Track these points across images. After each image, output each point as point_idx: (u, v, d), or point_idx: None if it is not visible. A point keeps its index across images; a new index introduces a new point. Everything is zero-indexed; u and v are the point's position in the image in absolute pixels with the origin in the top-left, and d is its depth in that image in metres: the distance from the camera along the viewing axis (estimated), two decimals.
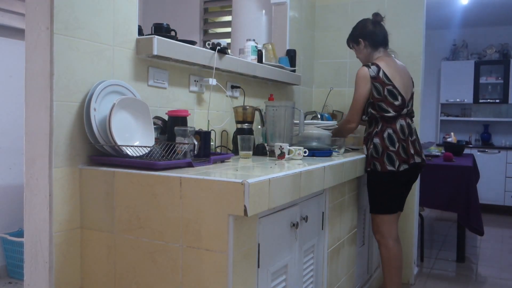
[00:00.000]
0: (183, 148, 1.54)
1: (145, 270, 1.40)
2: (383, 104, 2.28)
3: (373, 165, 2.31)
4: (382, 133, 2.29)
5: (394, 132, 2.28)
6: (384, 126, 2.30)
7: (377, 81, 2.27)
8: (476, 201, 3.42)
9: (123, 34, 1.65)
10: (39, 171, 1.43)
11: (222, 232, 1.25)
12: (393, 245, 2.35)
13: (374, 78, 2.28)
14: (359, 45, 2.43)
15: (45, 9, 1.39)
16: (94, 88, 1.51)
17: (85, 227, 1.52)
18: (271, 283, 1.51)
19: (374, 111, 2.31)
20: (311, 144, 2.22)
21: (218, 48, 2.02)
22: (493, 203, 5.82)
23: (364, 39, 2.40)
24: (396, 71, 2.33)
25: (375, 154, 2.30)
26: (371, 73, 2.28)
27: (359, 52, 2.46)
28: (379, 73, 2.28)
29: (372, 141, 2.31)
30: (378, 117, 2.31)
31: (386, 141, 2.28)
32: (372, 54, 2.41)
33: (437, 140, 6.49)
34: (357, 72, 2.33)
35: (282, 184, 1.42)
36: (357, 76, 2.32)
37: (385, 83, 2.27)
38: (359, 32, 2.43)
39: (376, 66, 2.30)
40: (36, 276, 1.46)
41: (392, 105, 2.28)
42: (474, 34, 6.41)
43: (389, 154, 2.27)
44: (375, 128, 2.32)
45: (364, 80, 2.29)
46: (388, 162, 2.27)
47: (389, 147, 2.27)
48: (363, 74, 2.30)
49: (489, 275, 3.36)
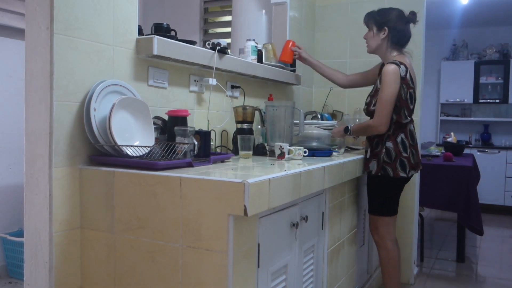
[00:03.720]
0: (183, 148, 1.54)
1: (145, 270, 1.40)
2: (405, 109, 2.18)
3: (383, 170, 2.22)
4: (395, 137, 2.21)
5: (406, 138, 2.22)
6: (397, 130, 2.22)
7: (404, 83, 2.14)
8: (476, 201, 3.42)
9: (123, 34, 1.65)
10: (39, 171, 1.43)
11: (222, 232, 1.25)
12: (392, 246, 2.33)
13: (402, 78, 2.13)
14: (380, 32, 2.24)
15: (45, 9, 1.39)
16: (94, 88, 1.51)
17: (85, 227, 1.51)
18: (271, 283, 1.51)
19: (396, 116, 2.18)
20: (311, 144, 2.22)
21: (218, 48, 2.02)
22: (493, 203, 5.81)
23: (389, 31, 2.22)
24: (414, 74, 2.24)
25: (387, 159, 2.20)
26: (401, 73, 2.13)
27: (374, 38, 2.27)
28: (406, 75, 2.15)
29: (385, 144, 2.21)
30: (393, 122, 2.20)
31: (399, 146, 2.20)
32: (387, 49, 2.26)
33: (437, 140, 6.48)
34: (387, 68, 2.13)
35: (282, 184, 1.42)
36: (388, 73, 2.11)
37: (409, 86, 2.17)
38: (388, 20, 2.23)
39: (404, 66, 2.15)
40: (36, 276, 1.46)
41: (409, 110, 2.21)
42: (474, 34, 6.41)
43: (402, 160, 2.20)
44: (387, 131, 2.21)
45: (396, 79, 2.11)
46: (400, 168, 2.20)
47: (402, 152, 2.20)
48: (396, 71, 2.11)
49: (489, 275, 3.36)
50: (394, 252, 2.33)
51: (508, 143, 6.17)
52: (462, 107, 6.48)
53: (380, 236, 2.34)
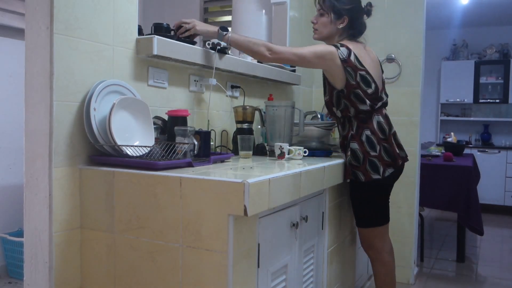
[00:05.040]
0: (183, 148, 1.54)
1: (145, 270, 1.40)
2: (359, 91, 1.93)
3: (353, 175, 1.99)
4: (359, 136, 1.98)
5: (373, 133, 1.97)
6: (360, 127, 1.99)
7: (349, 65, 1.91)
8: (476, 201, 3.42)
9: (123, 34, 1.65)
10: (39, 171, 1.43)
11: (222, 232, 1.25)
12: (389, 259, 2.12)
13: (344, 61, 1.90)
14: (337, 20, 2.01)
15: (45, 9, 1.39)
16: (94, 88, 1.51)
17: (85, 227, 1.51)
18: (271, 283, 1.51)
19: (348, 102, 1.95)
20: (311, 144, 2.22)
21: (218, 48, 2.02)
22: (493, 203, 5.81)
23: (349, 21, 2.01)
24: (366, 54, 2.00)
25: (355, 162, 1.97)
26: (340, 55, 1.90)
27: (329, 26, 2.03)
28: (350, 57, 1.91)
29: (349, 146, 2.00)
30: (352, 116, 1.99)
31: (365, 145, 1.96)
32: (339, 37, 2.05)
33: (437, 140, 6.49)
34: (323, 45, 1.97)
35: (282, 184, 1.42)
36: (321, 45, 1.94)
37: (357, 67, 1.92)
38: (350, 9, 2.00)
39: (346, 48, 1.93)
40: (36, 276, 1.46)
41: (366, 94, 1.94)
42: (474, 34, 6.41)
43: (371, 160, 1.95)
44: (350, 131, 2.01)
45: (328, 54, 1.90)
46: (371, 169, 1.95)
47: (370, 152, 1.96)
48: (331, 50, 1.91)
49: (489, 275, 3.36)
50: (391, 265, 2.13)
51: (508, 143, 6.17)
52: (462, 107, 6.48)
53: (376, 250, 2.11)
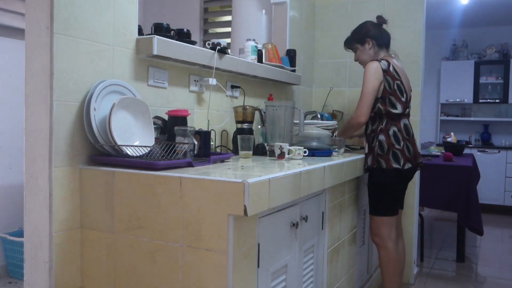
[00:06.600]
0: (183, 148, 1.54)
1: (145, 270, 1.40)
2: (393, 98, 2.27)
3: (377, 162, 2.28)
4: (387, 130, 2.29)
5: (399, 131, 2.29)
6: (389, 123, 2.29)
7: (388, 75, 2.27)
8: (476, 201, 3.42)
9: (123, 34, 1.65)
10: (39, 171, 1.43)
11: (222, 232, 1.25)
12: (392, 247, 2.33)
13: (385, 71, 2.27)
14: (365, 45, 2.41)
15: (45, 9, 1.39)
16: (94, 88, 1.51)
17: (85, 227, 1.51)
18: (271, 283, 1.51)
19: (382, 106, 2.28)
20: (311, 144, 2.22)
21: (218, 48, 2.02)
22: (493, 203, 5.81)
23: (371, 39, 2.39)
24: (400, 70, 2.35)
25: (380, 151, 2.28)
26: (382, 66, 2.27)
27: (364, 53, 2.43)
28: (389, 67, 2.28)
29: (378, 138, 2.29)
30: (384, 114, 2.29)
31: (391, 139, 2.27)
32: (377, 54, 2.41)
33: (437, 140, 6.49)
34: (368, 65, 2.30)
35: (282, 184, 1.42)
36: (368, 69, 2.29)
37: (395, 77, 2.28)
38: (365, 32, 2.41)
39: (386, 61, 2.30)
40: (36, 276, 1.46)
41: (400, 101, 2.28)
42: (474, 34, 6.41)
43: (395, 152, 2.26)
44: (380, 125, 2.30)
45: (376, 73, 2.26)
46: (393, 159, 2.26)
47: (394, 144, 2.27)
48: (375, 66, 2.27)
49: (489, 275, 3.36)
50: (394, 252, 2.33)
51: (508, 143, 6.17)
52: (462, 107, 6.48)
53: (380, 237, 2.34)
